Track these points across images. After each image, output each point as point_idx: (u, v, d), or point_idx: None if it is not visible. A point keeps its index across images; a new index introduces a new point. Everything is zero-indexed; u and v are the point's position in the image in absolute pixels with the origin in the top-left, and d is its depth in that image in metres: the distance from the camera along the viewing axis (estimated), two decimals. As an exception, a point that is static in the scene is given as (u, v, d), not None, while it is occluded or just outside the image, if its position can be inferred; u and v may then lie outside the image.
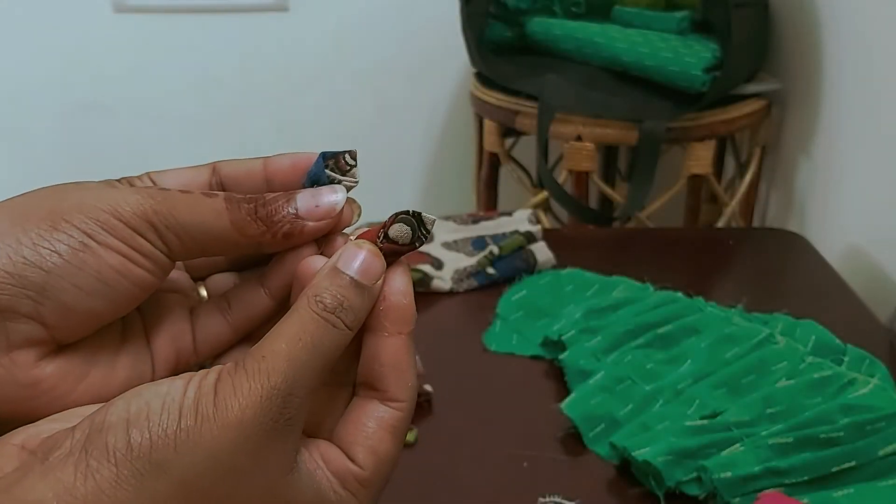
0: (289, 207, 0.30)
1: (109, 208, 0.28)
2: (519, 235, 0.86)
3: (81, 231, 0.27)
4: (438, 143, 1.69)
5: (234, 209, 0.29)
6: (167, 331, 0.32)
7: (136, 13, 1.57)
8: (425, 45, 1.58)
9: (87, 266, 0.27)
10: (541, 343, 0.73)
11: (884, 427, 0.56)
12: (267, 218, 0.30)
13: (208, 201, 0.29)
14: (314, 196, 0.31)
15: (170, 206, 0.29)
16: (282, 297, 0.32)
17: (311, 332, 0.27)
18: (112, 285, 0.28)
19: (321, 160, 0.32)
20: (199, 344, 0.33)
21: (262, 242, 0.30)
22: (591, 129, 1.10)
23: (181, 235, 0.29)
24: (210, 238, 0.29)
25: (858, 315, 0.79)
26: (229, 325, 0.33)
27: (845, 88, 1.03)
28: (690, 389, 0.63)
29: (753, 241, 0.98)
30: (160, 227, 0.28)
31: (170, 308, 0.32)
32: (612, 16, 1.23)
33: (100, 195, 0.28)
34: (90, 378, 0.29)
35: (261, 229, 0.30)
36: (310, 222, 0.30)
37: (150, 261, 0.29)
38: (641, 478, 0.57)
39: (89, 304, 0.28)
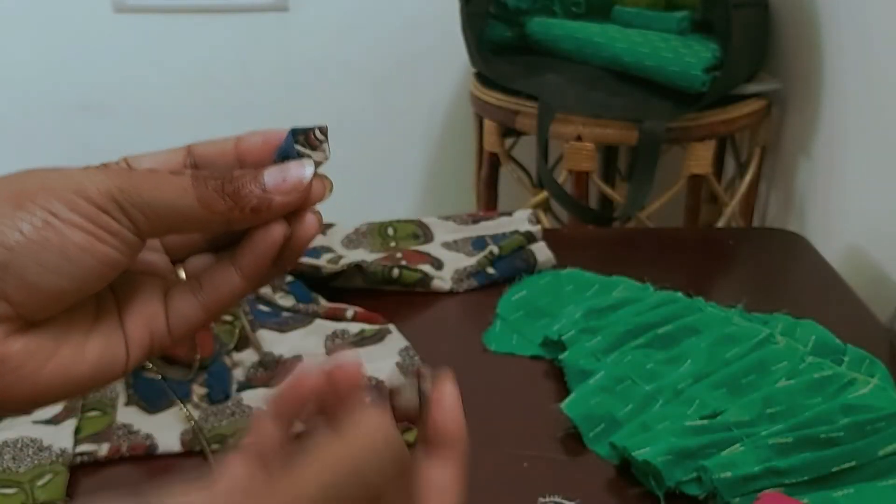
0: (256, 183, 0.30)
1: (75, 187, 0.28)
2: (519, 235, 0.86)
3: (45, 210, 0.28)
4: (438, 143, 1.69)
5: (200, 186, 0.30)
6: (140, 312, 0.32)
7: (136, 13, 1.56)
8: (425, 45, 1.58)
9: (50, 244, 0.28)
10: (541, 343, 0.73)
11: (884, 427, 0.56)
12: (234, 193, 0.30)
13: (174, 179, 0.30)
14: (281, 171, 0.31)
15: (135, 184, 0.29)
16: (252, 276, 0.32)
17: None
18: (76, 263, 0.28)
19: (291, 136, 0.32)
20: (173, 325, 0.33)
21: (231, 218, 0.30)
22: (591, 129, 1.10)
23: (147, 213, 0.29)
24: (177, 215, 0.30)
25: (858, 315, 0.79)
26: (201, 306, 0.33)
27: (845, 88, 1.03)
28: (690, 389, 0.63)
29: (753, 241, 0.98)
30: (125, 204, 0.29)
31: (144, 290, 0.33)
32: (612, 16, 1.23)
33: (65, 176, 0.29)
34: (59, 357, 0.30)
35: (228, 205, 0.30)
36: (277, 197, 0.31)
37: (116, 238, 0.29)
38: (641, 478, 0.57)
39: (54, 282, 0.28)
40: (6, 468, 0.57)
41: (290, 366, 0.69)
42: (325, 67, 1.61)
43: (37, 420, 0.63)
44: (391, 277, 0.80)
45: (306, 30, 1.58)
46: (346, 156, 1.68)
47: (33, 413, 0.64)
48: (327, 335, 0.72)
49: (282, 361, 0.69)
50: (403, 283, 0.81)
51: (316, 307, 0.76)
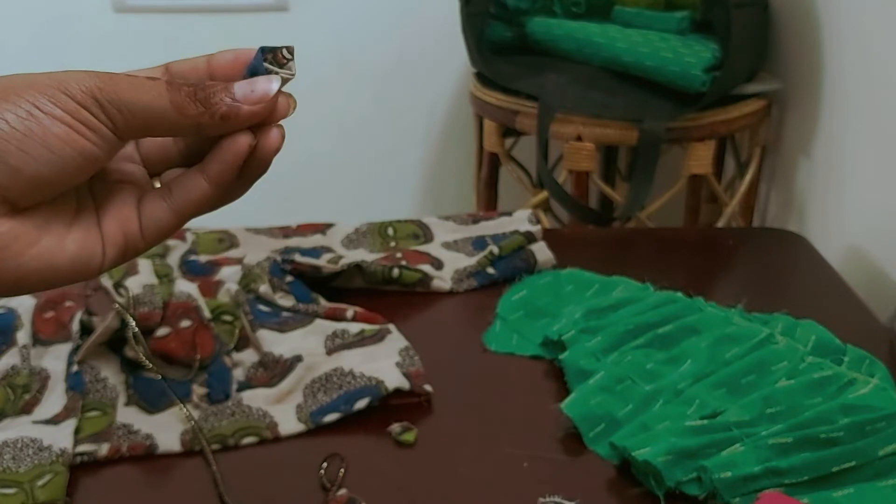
0: (226, 92, 0.33)
1: (58, 84, 0.31)
2: (519, 235, 0.86)
3: (29, 102, 0.31)
4: (438, 143, 1.69)
5: (174, 91, 0.33)
6: (115, 214, 0.36)
7: (136, 13, 1.57)
8: (425, 45, 1.58)
9: (32, 133, 0.30)
10: (541, 343, 0.73)
11: (884, 427, 0.56)
12: (205, 100, 0.33)
13: (151, 83, 0.33)
14: (250, 84, 0.34)
15: (114, 85, 0.32)
16: (219, 182, 0.35)
17: None
18: (57, 152, 0.31)
19: (260, 54, 0.34)
20: (145, 228, 0.36)
21: (201, 123, 0.33)
22: (591, 129, 1.10)
23: (124, 112, 0.32)
24: (151, 116, 0.33)
25: (858, 315, 0.79)
26: (171, 210, 0.36)
27: (845, 88, 1.03)
28: (690, 389, 0.63)
29: (753, 241, 0.98)
30: (104, 102, 0.32)
31: (120, 195, 0.36)
32: (612, 16, 1.23)
33: (51, 76, 0.32)
34: (41, 245, 0.33)
35: (199, 110, 0.33)
36: (245, 106, 0.33)
37: (95, 134, 0.32)
38: (641, 478, 0.57)
39: (36, 168, 0.31)
40: (6, 468, 0.57)
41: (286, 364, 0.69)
42: (325, 67, 1.61)
43: (37, 420, 0.63)
44: (391, 277, 0.80)
45: (306, 30, 1.58)
46: (346, 155, 1.69)
47: (34, 413, 0.64)
48: (327, 335, 0.72)
49: (282, 361, 0.69)
50: (403, 283, 0.81)
51: (316, 307, 0.76)
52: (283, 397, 0.66)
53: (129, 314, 0.67)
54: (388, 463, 0.59)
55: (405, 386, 0.65)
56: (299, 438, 0.63)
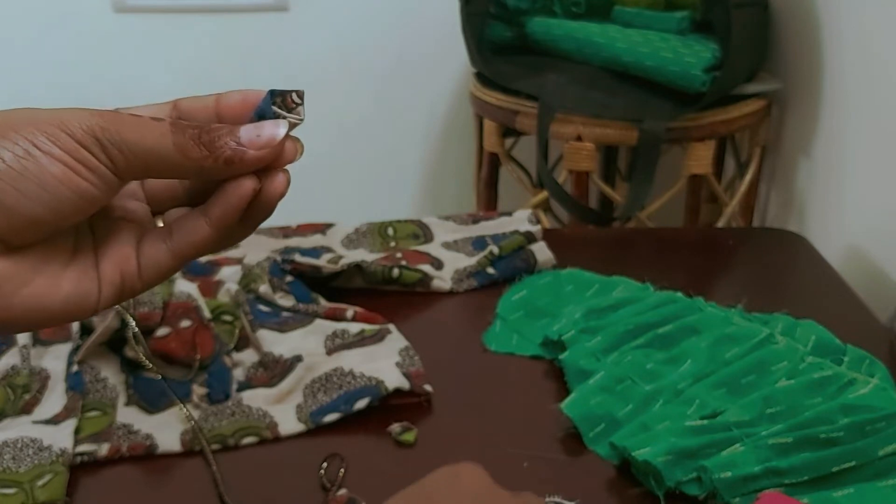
0: (231, 136, 0.33)
1: (57, 122, 0.30)
2: (519, 235, 0.86)
3: (28, 140, 0.30)
4: (438, 143, 1.69)
5: (178, 132, 0.32)
6: (114, 254, 0.35)
7: (136, 13, 1.57)
8: (425, 45, 1.58)
9: (28, 172, 0.30)
10: (541, 343, 0.73)
11: (884, 427, 0.56)
12: (210, 143, 0.32)
13: (155, 123, 0.32)
14: (256, 128, 0.33)
15: (117, 124, 0.31)
16: (221, 226, 0.34)
17: None
18: (53, 193, 0.30)
19: (269, 97, 0.33)
20: (143, 269, 0.35)
21: (205, 167, 0.32)
22: (591, 129, 1.10)
23: (125, 152, 0.31)
24: (154, 158, 0.32)
25: (858, 315, 0.79)
26: (170, 252, 0.35)
27: (845, 88, 1.03)
28: (690, 389, 0.63)
29: (753, 241, 0.98)
30: (105, 142, 0.31)
31: (120, 233, 0.35)
32: (612, 16, 1.23)
33: (52, 112, 0.31)
34: (34, 285, 0.32)
35: (203, 153, 0.32)
36: (251, 151, 0.33)
37: (94, 174, 0.31)
38: (641, 478, 0.57)
39: (30, 208, 0.30)
40: (6, 468, 0.57)
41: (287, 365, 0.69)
42: (325, 67, 1.61)
43: (37, 420, 0.63)
44: (391, 277, 0.80)
45: (306, 30, 1.58)
46: (347, 156, 1.69)
47: (34, 413, 0.64)
48: (327, 335, 0.72)
49: (282, 361, 0.69)
50: (403, 283, 0.81)
51: (316, 307, 0.76)
52: (283, 397, 0.66)
53: (129, 314, 0.67)
54: (388, 463, 0.59)
55: (405, 386, 0.65)
56: (299, 438, 0.63)
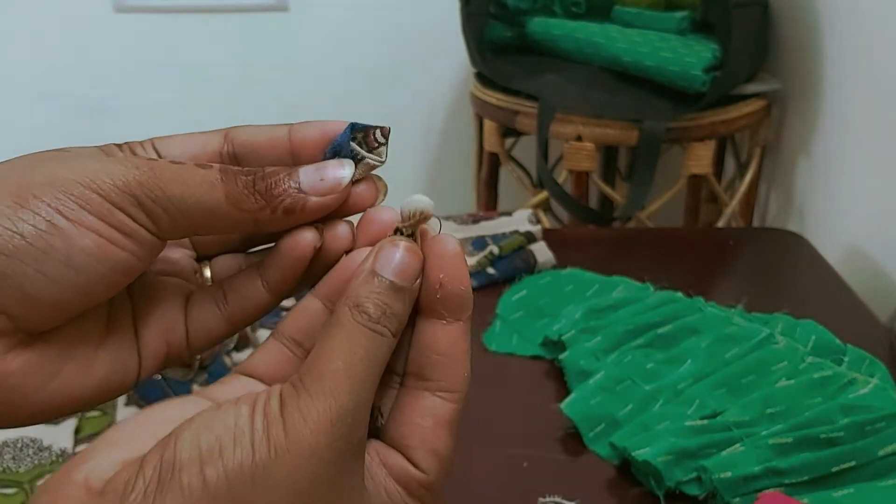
0: (290, 181, 0.27)
1: (86, 181, 0.25)
2: (519, 235, 0.86)
3: (51, 208, 0.24)
4: (438, 143, 1.69)
5: (229, 181, 0.27)
6: (159, 321, 0.29)
7: (136, 13, 1.57)
8: (425, 45, 1.58)
9: (54, 250, 0.24)
10: (541, 343, 0.73)
11: (884, 427, 0.56)
12: (266, 191, 0.27)
13: (201, 172, 0.27)
14: (318, 170, 0.28)
15: (157, 178, 0.26)
16: (280, 291, 0.30)
17: (364, 345, 0.25)
18: (83, 271, 0.25)
19: (349, 132, 0.29)
20: (192, 337, 0.30)
21: (261, 219, 0.27)
22: (591, 129, 1.10)
23: (169, 210, 0.26)
24: (202, 213, 0.26)
25: (858, 315, 0.79)
26: (224, 318, 0.30)
27: (845, 88, 1.03)
28: (690, 389, 0.63)
29: (753, 241, 0.98)
30: (145, 200, 0.25)
31: (164, 295, 0.30)
32: (612, 16, 1.23)
33: (76, 166, 0.25)
34: (63, 376, 0.27)
35: (259, 204, 0.27)
36: (313, 198, 0.28)
37: (132, 240, 0.26)
38: (641, 478, 0.57)
39: (56, 293, 0.25)
40: (6, 468, 0.57)
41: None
42: (325, 67, 1.61)
43: (37, 420, 0.63)
44: (391, 277, 0.80)
45: (306, 30, 1.58)
46: (346, 156, 1.69)
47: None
48: (327, 335, 0.72)
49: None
50: (403, 283, 0.81)
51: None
52: (283, 397, 0.66)
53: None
54: (388, 463, 0.59)
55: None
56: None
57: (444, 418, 0.27)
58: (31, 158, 0.26)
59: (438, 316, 0.28)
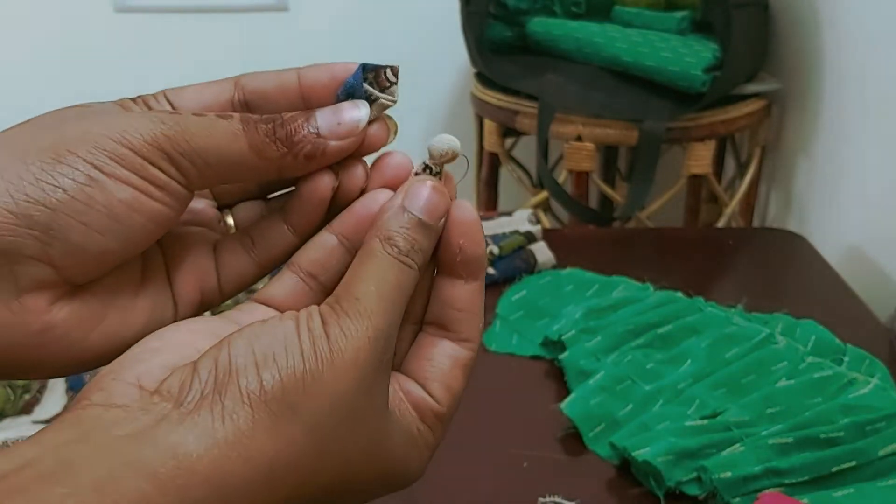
0: (309, 126, 0.28)
1: (118, 137, 0.26)
2: (519, 235, 0.86)
3: (88, 163, 0.25)
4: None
5: (251, 131, 0.27)
6: (191, 269, 0.31)
7: (136, 13, 1.57)
8: (425, 45, 1.58)
9: (95, 202, 0.25)
10: (541, 343, 0.73)
11: (884, 427, 0.56)
12: (286, 138, 0.28)
13: (224, 123, 0.27)
14: (335, 113, 0.29)
15: (183, 131, 0.26)
16: (304, 232, 0.31)
17: (395, 274, 0.27)
18: (124, 222, 0.26)
19: (360, 72, 0.29)
20: (224, 282, 0.31)
21: (283, 166, 0.28)
22: (591, 129, 1.10)
23: (197, 162, 0.27)
24: (228, 164, 0.27)
25: (858, 315, 0.79)
26: (254, 262, 0.31)
27: (845, 88, 1.03)
28: (690, 389, 0.63)
29: (753, 241, 0.98)
30: (174, 154, 0.26)
31: (193, 244, 0.31)
32: (612, 16, 1.23)
33: (106, 122, 0.26)
34: (106, 322, 0.28)
35: (281, 151, 0.28)
36: (332, 141, 0.29)
37: (165, 192, 0.27)
38: (641, 478, 0.57)
39: (101, 243, 0.26)
40: (6, 468, 0.57)
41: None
42: (325, 67, 1.61)
43: (37, 420, 0.63)
44: (391, 277, 0.80)
45: (306, 30, 1.58)
46: (346, 156, 1.69)
47: (33, 412, 0.64)
48: (327, 335, 0.72)
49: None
50: (403, 283, 0.81)
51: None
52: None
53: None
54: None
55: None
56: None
57: (461, 362, 0.30)
58: (58, 115, 0.27)
59: (458, 276, 0.30)
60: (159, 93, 0.30)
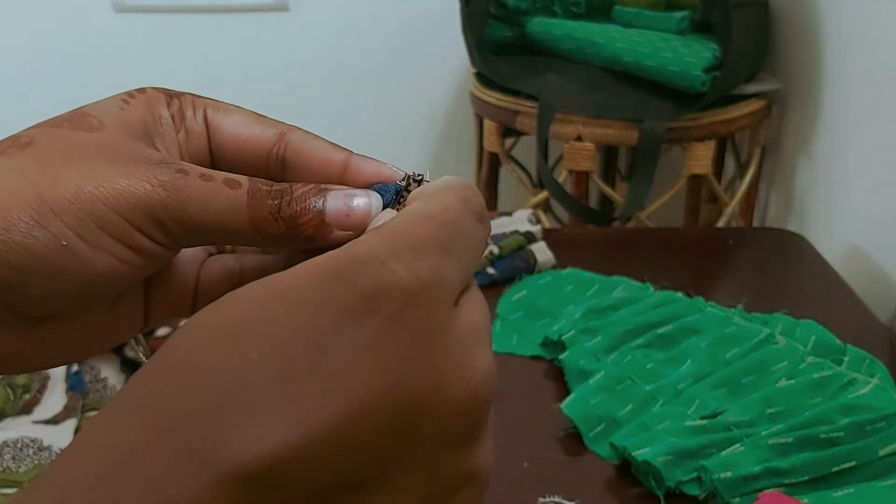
0: (316, 205, 0.27)
1: (112, 200, 0.24)
2: (519, 235, 0.86)
3: (70, 230, 0.24)
4: (438, 143, 1.69)
5: (255, 205, 0.26)
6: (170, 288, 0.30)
7: (136, 13, 1.57)
8: (425, 45, 1.58)
9: (66, 272, 0.24)
10: (541, 343, 0.73)
11: (884, 427, 0.56)
12: (290, 219, 0.26)
13: (229, 194, 0.26)
14: (346, 200, 0.27)
15: (182, 200, 0.25)
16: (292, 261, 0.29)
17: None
18: (92, 286, 0.25)
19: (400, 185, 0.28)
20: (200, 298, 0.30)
21: (280, 241, 0.27)
22: (591, 129, 1.10)
23: (190, 230, 0.25)
24: (222, 231, 0.26)
25: (858, 315, 0.79)
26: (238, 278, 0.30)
27: (845, 88, 1.03)
28: (690, 389, 0.63)
29: (753, 241, 0.98)
30: (167, 222, 0.25)
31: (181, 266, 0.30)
32: (613, 16, 1.23)
33: (101, 180, 0.24)
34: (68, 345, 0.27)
35: (280, 230, 0.26)
36: (336, 231, 0.27)
37: (143, 257, 0.25)
38: (641, 478, 0.57)
39: (62, 301, 0.25)
40: (6, 468, 0.57)
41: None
42: (325, 67, 1.61)
43: (37, 420, 0.63)
44: (391, 277, 0.80)
45: (306, 30, 1.58)
46: (346, 156, 1.69)
47: (34, 413, 0.64)
48: (327, 335, 0.72)
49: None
50: (403, 283, 0.81)
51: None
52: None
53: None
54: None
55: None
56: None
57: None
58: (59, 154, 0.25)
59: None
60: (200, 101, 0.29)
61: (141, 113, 0.28)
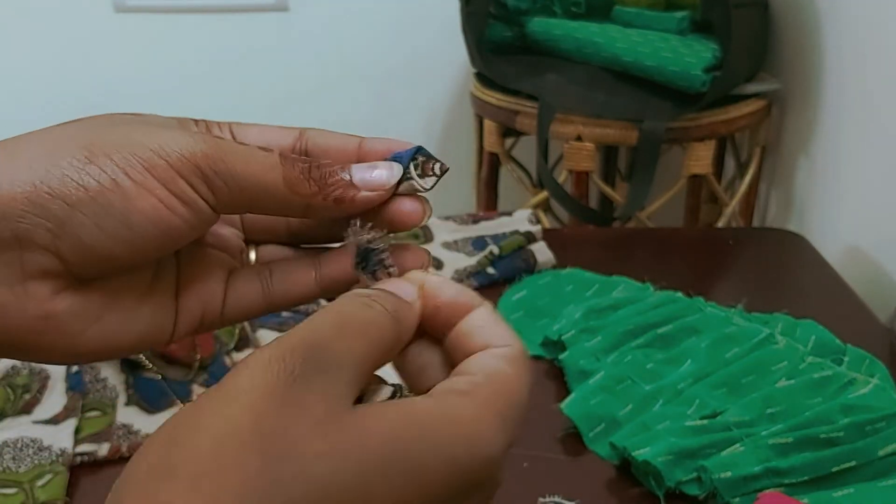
0: (343, 173, 0.30)
1: (157, 147, 0.26)
2: (519, 235, 0.86)
3: (118, 167, 0.26)
4: (438, 143, 1.69)
5: (288, 166, 0.29)
6: (199, 289, 0.31)
7: (136, 13, 1.57)
8: (425, 45, 1.58)
9: (112, 208, 0.26)
10: (541, 343, 0.73)
11: (884, 427, 0.56)
12: (320, 179, 0.29)
13: (263, 154, 0.29)
14: (370, 167, 0.30)
15: (222, 152, 0.27)
16: (330, 289, 0.32)
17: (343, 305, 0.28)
18: (138, 231, 0.26)
19: (413, 152, 0.32)
20: (228, 308, 0.32)
21: (313, 204, 0.29)
22: (591, 129, 1.10)
23: (230, 184, 0.28)
24: (259, 191, 0.28)
25: (858, 315, 0.79)
26: (264, 297, 0.32)
27: (845, 88, 1.03)
28: (690, 389, 0.63)
29: (753, 241, 0.98)
30: (208, 172, 0.27)
31: (209, 265, 0.32)
32: (612, 16, 1.23)
33: (150, 132, 0.27)
34: (105, 322, 0.28)
35: (312, 189, 0.29)
36: (362, 191, 0.30)
37: (188, 208, 0.27)
38: (641, 478, 0.57)
39: (110, 247, 0.26)
40: (6, 468, 0.57)
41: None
42: (325, 67, 1.61)
43: (37, 420, 0.63)
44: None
45: (306, 30, 1.58)
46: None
47: (34, 413, 0.64)
48: (327, 335, 0.72)
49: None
50: (403, 283, 0.81)
51: (316, 307, 0.76)
52: (284, 397, 0.66)
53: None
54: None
55: (404, 385, 0.64)
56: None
57: (500, 354, 0.34)
58: (108, 119, 0.28)
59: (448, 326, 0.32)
60: (225, 123, 0.32)
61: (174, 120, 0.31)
